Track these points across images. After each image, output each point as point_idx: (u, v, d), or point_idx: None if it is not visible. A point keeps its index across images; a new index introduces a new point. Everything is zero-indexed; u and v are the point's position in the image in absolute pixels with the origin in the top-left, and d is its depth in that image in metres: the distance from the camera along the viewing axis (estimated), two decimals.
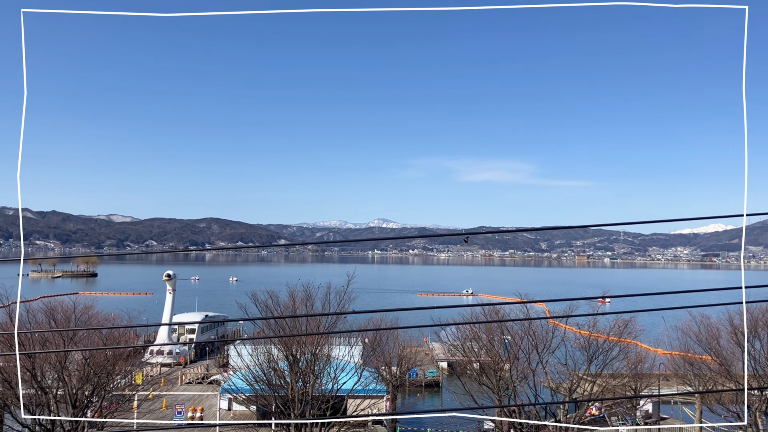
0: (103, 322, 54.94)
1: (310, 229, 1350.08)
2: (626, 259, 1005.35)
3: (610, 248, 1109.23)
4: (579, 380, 47.96)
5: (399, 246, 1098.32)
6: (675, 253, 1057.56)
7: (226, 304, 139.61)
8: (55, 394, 40.78)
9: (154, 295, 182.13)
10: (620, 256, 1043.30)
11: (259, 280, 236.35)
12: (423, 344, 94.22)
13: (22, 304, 61.70)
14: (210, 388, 68.33)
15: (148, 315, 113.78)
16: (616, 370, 50.50)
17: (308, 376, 44.67)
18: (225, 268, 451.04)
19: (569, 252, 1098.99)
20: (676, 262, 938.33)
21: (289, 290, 52.48)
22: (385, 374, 58.85)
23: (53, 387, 41.06)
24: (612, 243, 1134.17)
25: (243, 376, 48.41)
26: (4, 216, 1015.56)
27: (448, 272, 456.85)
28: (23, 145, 9.65)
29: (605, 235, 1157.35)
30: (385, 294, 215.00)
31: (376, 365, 57.64)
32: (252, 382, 46.48)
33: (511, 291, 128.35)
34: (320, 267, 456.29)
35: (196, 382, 71.99)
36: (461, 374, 56.92)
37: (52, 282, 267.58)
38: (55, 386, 41.13)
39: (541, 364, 46.69)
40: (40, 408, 40.10)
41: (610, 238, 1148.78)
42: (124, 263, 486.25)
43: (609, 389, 48.43)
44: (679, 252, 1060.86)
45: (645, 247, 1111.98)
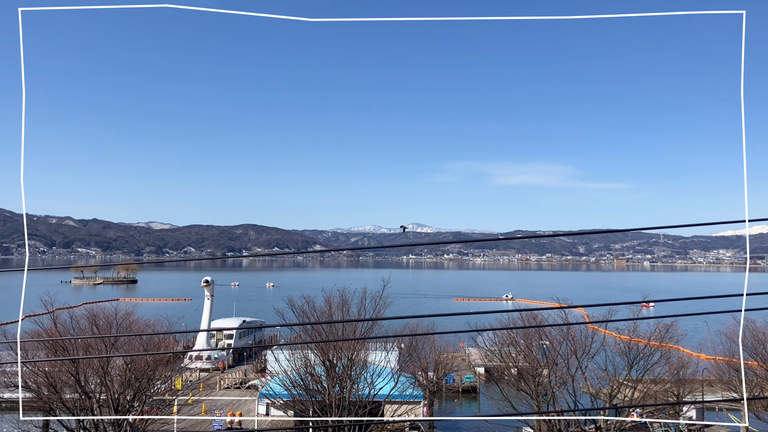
0: (143, 328, 55.89)
1: (344, 234, 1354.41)
2: (666, 263, 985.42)
3: (649, 251, 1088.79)
4: (619, 386, 47.07)
5: (434, 251, 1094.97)
6: (717, 255, 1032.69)
7: (263, 310, 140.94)
8: (98, 399, 41.58)
9: (192, 300, 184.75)
10: (660, 259, 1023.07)
11: (295, 285, 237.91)
12: (460, 349, 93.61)
13: (66, 310, 63.22)
14: (248, 393, 68.92)
15: (187, 321, 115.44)
16: (657, 376, 49.47)
17: (345, 381, 44.76)
18: (261, 273, 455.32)
19: (608, 255, 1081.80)
20: (719, 264, 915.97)
21: (325, 295, 52.74)
22: (422, 379, 58.63)
23: (96, 392, 41.88)
24: (651, 246, 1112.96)
25: (280, 381, 48.71)
26: (48, 224, 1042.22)
27: (484, 277, 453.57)
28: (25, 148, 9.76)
29: (644, 237, 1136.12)
30: (421, 299, 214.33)
31: (412, 370, 57.46)
32: (289, 387, 46.75)
33: (548, 295, 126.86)
34: (355, 272, 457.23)
35: (234, 387, 72.69)
36: (499, 380, 56.38)
37: (93, 289, 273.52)
38: (98, 391, 41.94)
39: (580, 370, 45.97)
40: (84, 412, 40.92)
41: (649, 241, 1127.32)
42: (163, 270, 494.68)
43: (650, 395, 47.47)
44: (721, 254, 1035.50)
45: (686, 250, 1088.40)
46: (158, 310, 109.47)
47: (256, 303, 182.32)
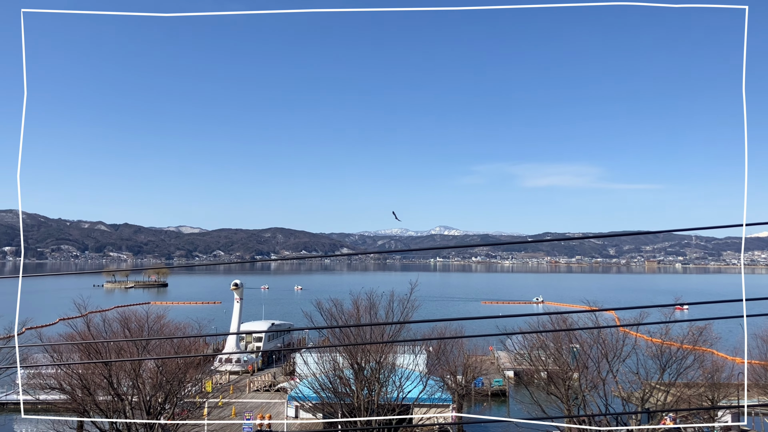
0: (174, 331, 56.57)
1: (371, 238, 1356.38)
2: (699, 264, 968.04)
3: (681, 253, 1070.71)
4: (651, 390, 46.36)
5: (461, 253, 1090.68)
6: (752, 257, 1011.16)
7: (292, 313, 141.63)
8: (131, 401, 42.17)
9: (222, 304, 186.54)
10: (692, 261, 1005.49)
11: (323, 288, 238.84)
12: (488, 353, 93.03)
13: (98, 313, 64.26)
14: (277, 395, 69.31)
15: (217, 324, 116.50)
16: (691, 380, 48.60)
17: (373, 384, 44.77)
18: (290, 276, 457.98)
19: (638, 258, 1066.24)
20: (754, 266, 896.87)
21: (353, 298, 52.86)
22: (451, 383, 58.38)
23: (129, 394, 42.48)
24: (684, 247, 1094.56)
25: (309, 383, 48.90)
26: (80, 229, 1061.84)
27: (512, 280, 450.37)
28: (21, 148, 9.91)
29: (676, 239, 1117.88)
30: (449, 302, 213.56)
31: (441, 374, 57.25)
32: (318, 390, 46.90)
33: (578, 298, 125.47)
34: (382, 275, 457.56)
35: (264, 390, 73.14)
36: (528, 383, 55.91)
37: (125, 292, 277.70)
38: (130, 393, 42.54)
39: (611, 373, 45.39)
40: (117, 414, 41.53)
41: (681, 243, 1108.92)
42: (193, 273, 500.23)
43: (684, 399, 46.66)
44: (756, 256, 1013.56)
45: (719, 252, 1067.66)
46: (189, 313, 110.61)
47: (284, 306, 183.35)
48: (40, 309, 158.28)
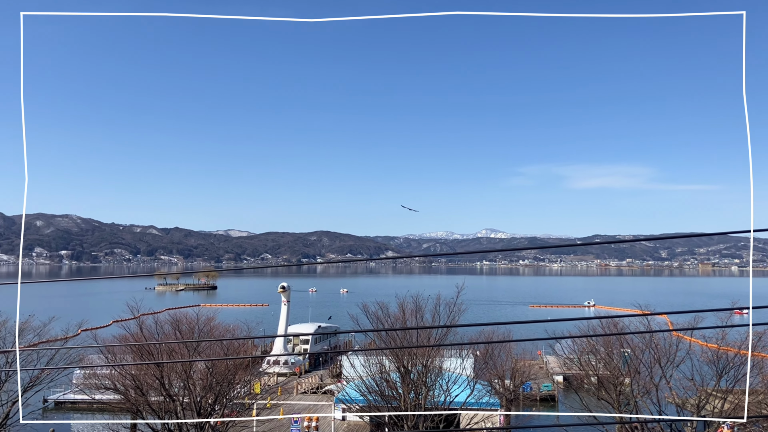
0: (224, 333, 57.46)
1: (416, 241, 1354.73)
2: (757, 267, 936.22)
3: (737, 255, 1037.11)
4: (707, 396, 44.91)
5: (508, 257, 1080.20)
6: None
7: (338, 315, 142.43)
8: (182, 402, 42.96)
9: (269, 306, 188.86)
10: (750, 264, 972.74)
11: (369, 291, 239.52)
12: (537, 357, 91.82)
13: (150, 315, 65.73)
14: (324, 398, 69.71)
15: (265, 326, 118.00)
16: (750, 387, 46.89)
17: (420, 387, 44.59)
18: (335, 279, 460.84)
19: (692, 260, 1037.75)
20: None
21: (399, 301, 52.77)
22: (498, 387, 57.75)
23: (180, 395, 43.29)
24: (740, 249, 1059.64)
25: (356, 386, 49.01)
26: (133, 233, 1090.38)
27: (561, 283, 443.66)
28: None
29: (732, 241, 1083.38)
30: (496, 306, 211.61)
31: (488, 378, 56.69)
32: (365, 393, 46.96)
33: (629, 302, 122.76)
34: (428, 278, 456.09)
35: (311, 392, 73.67)
36: (578, 388, 54.88)
37: (176, 295, 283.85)
38: (181, 394, 43.34)
39: (664, 379, 44.17)
40: (168, 414, 42.36)
41: (737, 245, 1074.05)
42: (242, 276, 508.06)
43: (742, 407, 45.04)
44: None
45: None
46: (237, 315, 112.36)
47: (330, 308, 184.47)
48: (95, 311, 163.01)
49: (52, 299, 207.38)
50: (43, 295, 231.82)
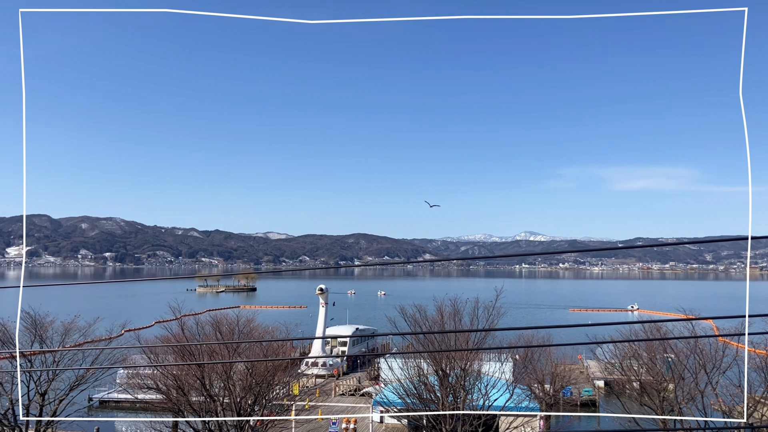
0: (263, 335, 58.04)
1: (454, 243, 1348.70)
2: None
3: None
4: (756, 404, 43.62)
5: (548, 260, 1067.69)
6: None
7: (375, 318, 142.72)
8: (222, 402, 43.51)
9: (308, 308, 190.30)
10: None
11: (406, 293, 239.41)
12: (577, 362, 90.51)
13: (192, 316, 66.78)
14: (362, 400, 69.85)
15: (303, 328, 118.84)
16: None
17: (458, 391, 44.32)
18: (373, 282, 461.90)
19: (738, 264, 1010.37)
20: None
21: (437, 304, 52.59)
22: (538, 392, 57.08)
23: (220, 395, 43.85)
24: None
25: (394, 389, 48.97)
26: (174, 236, 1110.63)
27: (602, 287, 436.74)
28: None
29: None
30: (535, 310, 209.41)
31: (527, 382, 56.07)
32: (403, 396, 46.89)
33: (673, 306, 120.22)
34: (466, 281, 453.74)
35: (349, 394, 73.91)
36: (620, 394, 53.93)
37: (216, 296, 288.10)
38: (221, 395, 43.90)
39: (710, 385, 43.06)
40: (209, 414, 42.94)
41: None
42: (280, 278, 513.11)
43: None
44: None
45: None
46: (276, 317, 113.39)
47: (368, 311, 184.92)
48: (139, 312, 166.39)
49: (98, 300, 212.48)
50: (88, 296, 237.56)
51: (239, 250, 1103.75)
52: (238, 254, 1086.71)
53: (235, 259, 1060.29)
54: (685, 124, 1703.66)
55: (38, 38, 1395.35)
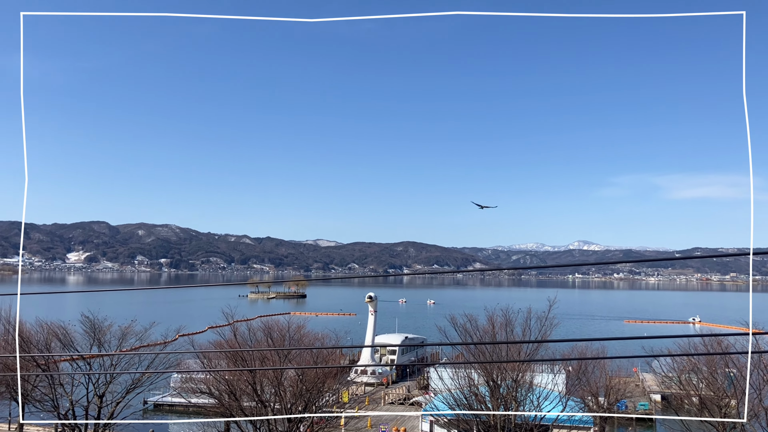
0: (313, 342, 58.37)
1: (505, 252, 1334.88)
2: None
3: None
4: None
5: (602, 270, 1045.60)
6: None
7: (425, 327, 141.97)
8: (273, 408, 43.86)
9: (357, 315, 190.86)
10: None
11: (456, 303, 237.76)
12: (633, 374, 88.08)
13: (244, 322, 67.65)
14: (412, 409, 69.43)
15: (353, 336, 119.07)
16: None
17: (510, 402, 43.60)
18: (422, 290, 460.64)
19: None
20: None
21: (488, 314, 51.97)
22: (592, 405, 55.66)
23: (271, 401, 44.22)
24: None
25: (444, 399, 48.50)
26: (227, 242, 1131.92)
27: (659, 298, 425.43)
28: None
29: None
30: (589, 320, 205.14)
31: (581, 395, 54.75)
32: (453, 406, 46.38)
33: (735, 319, 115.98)
34: (517, 291, 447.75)
35: (398, 403, 73.58)
36: (678, 409, 52.12)
37: (267, 303, 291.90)
38: (272, 400, 44.26)
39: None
40: (260, 421, 43.33)
41: None
42: (330, 285, 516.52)
43: None
44: None
45: None
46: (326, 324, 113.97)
47: (417, 320, 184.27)
48: (192, 317, 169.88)
49: (154, 305, 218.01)
50: (144, 302, 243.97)
51: (290, 257, 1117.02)
52: (289, 261, 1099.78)
53: (286, 266, 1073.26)
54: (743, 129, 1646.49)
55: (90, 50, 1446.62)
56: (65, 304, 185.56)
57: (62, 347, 49.19)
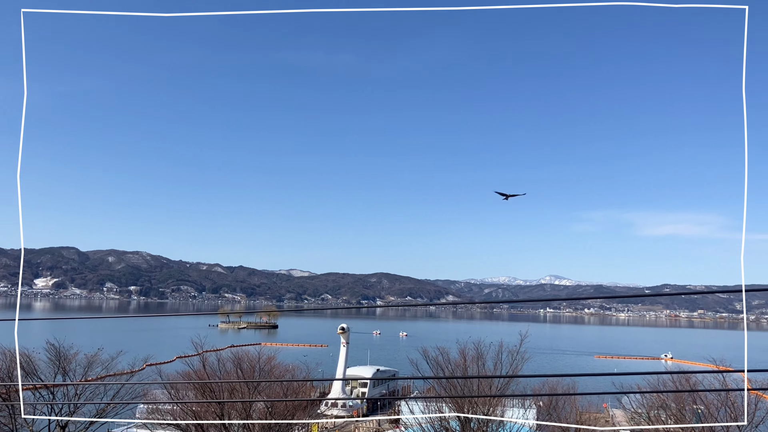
0: (284, 373, 57.68)
1: (478, 285, 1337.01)
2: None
3: None
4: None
5: (573, 305, 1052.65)
6: None
7: (397, 359, 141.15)
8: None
9: (329, 347, 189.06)
10: None
11: (428, 335, 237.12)
12: (603, 410, 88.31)
13: (213, 352, 66.70)
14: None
15: (324, 367, 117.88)
16: None
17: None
18: (395, 322, 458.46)
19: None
20: None
21: (460, 347, 51.99)
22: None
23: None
24: None
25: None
26: (199, 271, 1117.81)
27: (629, 333, 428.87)
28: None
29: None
30: (560, 356, 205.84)
31: (552, 430, 54.75)
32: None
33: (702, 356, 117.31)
34: (489, 324, 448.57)
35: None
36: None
37: (238, 333, 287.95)
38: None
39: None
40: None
41: None
42: (302, 315, 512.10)
43: None
44: None
45: None
46: (297, 355, 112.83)
47: (390, 352, 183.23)
48: (161, 346, 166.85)
49: (122, 333, 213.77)
50: (112, 330, 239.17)
51: (262, 287, 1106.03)
52: (261, 291, 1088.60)
53: (258, 296, 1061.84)
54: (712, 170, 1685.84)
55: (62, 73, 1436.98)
56: (30, 331, 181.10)
57: (25, 376, 47.95)
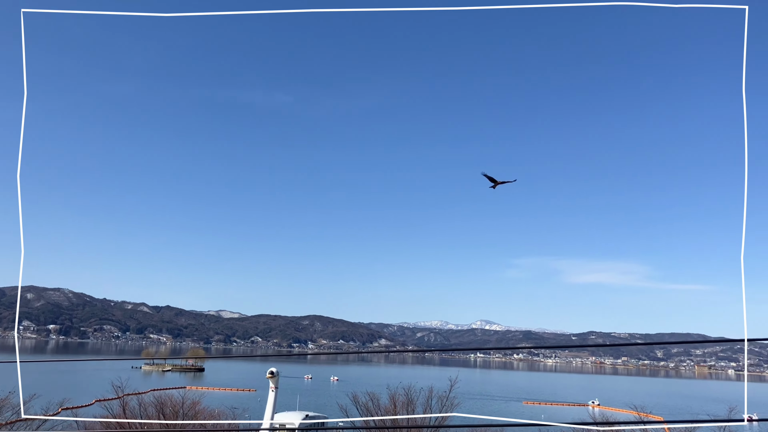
0: (208, 419, 55.83)
1: (410, 329, 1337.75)
2: (754, 372, 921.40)
3: (734, 359, 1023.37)
4: None
5: (503, 350, 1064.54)
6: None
7: (328, 405, 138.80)
8: None
9: (257, 392, 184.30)
10: (747, 368, 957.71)
11: (360, 380, 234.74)
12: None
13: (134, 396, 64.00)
14: None
15: (251, 413, 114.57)
16: None
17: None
18: (327, 366, 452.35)
19: (688, 361, 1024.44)
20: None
21: (390, 393, 51.71)
22: None
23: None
24: (737, 353, 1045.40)
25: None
26: (123, 310, 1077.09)
27: (556, 380, 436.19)
28: None
29: (728, 344, 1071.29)
30: (489, 401, 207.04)
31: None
32: None
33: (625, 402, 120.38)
34: (421, 369, 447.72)
35: None
36: None
37: (162, 375, 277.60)
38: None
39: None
40: None
41: (734, 348, 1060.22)
42: (231, 359, 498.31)
43: None
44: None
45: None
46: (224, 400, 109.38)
47: (320, 397, 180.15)
48: (79, 389, 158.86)
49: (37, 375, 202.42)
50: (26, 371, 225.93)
51: (189, 328, 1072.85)
52: (188, 332, 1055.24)
53: (185, 337, 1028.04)
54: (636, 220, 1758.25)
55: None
56: None
57: None
